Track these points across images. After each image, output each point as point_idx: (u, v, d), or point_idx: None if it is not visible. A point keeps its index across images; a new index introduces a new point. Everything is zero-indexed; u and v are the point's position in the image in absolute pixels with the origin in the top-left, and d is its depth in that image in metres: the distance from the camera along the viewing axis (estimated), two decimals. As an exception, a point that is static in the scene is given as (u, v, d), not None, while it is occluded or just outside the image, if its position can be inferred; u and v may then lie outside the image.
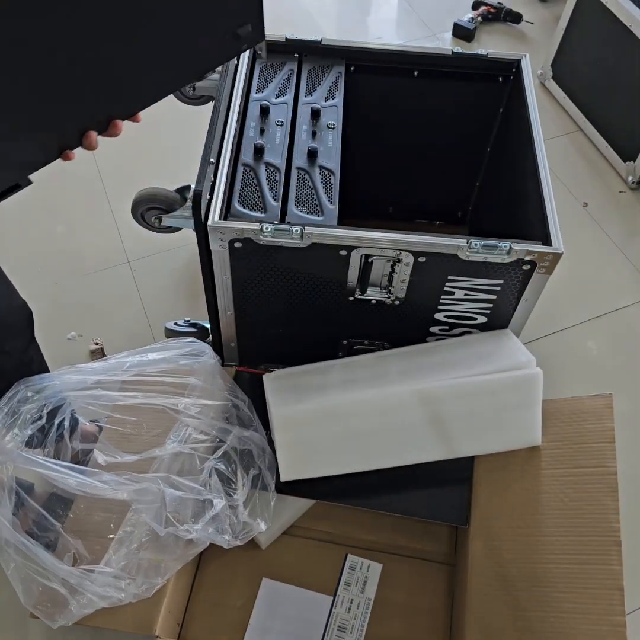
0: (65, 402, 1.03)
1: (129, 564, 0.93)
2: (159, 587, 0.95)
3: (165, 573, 0.95)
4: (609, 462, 0.98)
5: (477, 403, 1.03)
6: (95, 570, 0.91)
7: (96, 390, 1.04)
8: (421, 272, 1.03)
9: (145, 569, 0.94)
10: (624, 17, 1.63)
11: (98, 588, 0.91)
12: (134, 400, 1.03)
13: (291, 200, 1.05)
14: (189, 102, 1.41)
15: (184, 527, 0.95)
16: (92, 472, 0.95)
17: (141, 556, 0.94)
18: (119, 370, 1.06)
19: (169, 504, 0.94)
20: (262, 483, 1.03)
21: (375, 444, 1.05)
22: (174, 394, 1.04)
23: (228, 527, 0.98)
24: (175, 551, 0.96)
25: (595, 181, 1.80)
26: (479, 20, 2.16)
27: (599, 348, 1.48)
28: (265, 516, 1.02)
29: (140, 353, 1.09)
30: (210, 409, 1.05)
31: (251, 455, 1.04)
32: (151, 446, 1.00)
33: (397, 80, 1.27)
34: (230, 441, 1.03)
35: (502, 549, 0.98)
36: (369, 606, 1.10)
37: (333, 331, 1.17)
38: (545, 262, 0.99)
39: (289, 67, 1.24)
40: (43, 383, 1.03)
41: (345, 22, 2.26)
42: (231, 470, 1.01)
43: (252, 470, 1.03)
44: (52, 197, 1.69)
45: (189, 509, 0.96)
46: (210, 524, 0.97)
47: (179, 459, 1.00)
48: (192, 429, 1.02)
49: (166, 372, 1.06)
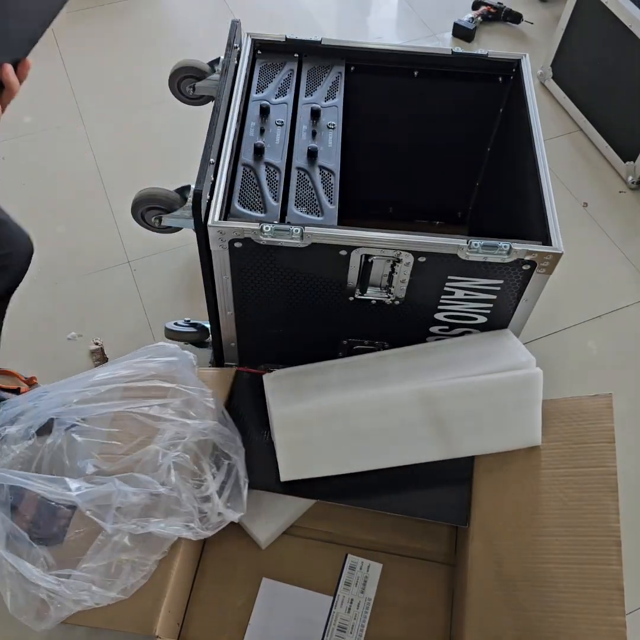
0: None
1: (101, 568, 0.95)
2: (138, 587, 0.96)
3: (142, 572, 0.96)
4: (609, 462, 0.98)
5: (477, 403, 1.03)
6: (70, 575, 0.93)
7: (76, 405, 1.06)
8: (421, 272, 1.03)
9: (120, 571, 0.95)
10: (624, 17, 1.63)
11: (70, 592, 0.92)
12: (106, 409, 1.06)
13: (291, 200, 1.05)
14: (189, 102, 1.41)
15: (132, 523, 0.96)
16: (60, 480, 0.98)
17: (113, 558, 0.96)
18: (86, 384, 1.09)
19: (117, 501, 0.96)
20: (236, 473, 1.04)
21: (375, 444, 1.05)
22: (143, 397, 1.06)
23: (196, 519, 0.99)
24: (146, 549, 0.97)
25: (595, 181, 1.80)
26: (479, 20, 2.16)
27: (599, 348, 1.48)
28: (238, 506, 1.02)
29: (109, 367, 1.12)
30: (172, 406, 1.07)
31: (216, 446, 1.05)
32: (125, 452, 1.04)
33: (397, 80, 1.27)
34: (191, 434, 1.03)
35: (502, 549, 0.98)
36: (369, 606, 1.10)
37: (333, 331, 1.17)
38: (545, 262, 0.99)
39: (289, 67, 1.24)
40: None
41: (345, 22, 2.26)
42: (194, 463, 1.01)
43: (226, 461, 1.04)
44: (52, 197, 1.69)
45: (141, 504, 0.97)
46: (173, 518, 0.98)
47: (144, 459, 1.02)
48: (160, 429, 1.04)
49: (127, 377, 1.08)
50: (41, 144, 1.82)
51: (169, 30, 2.17)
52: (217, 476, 1.02)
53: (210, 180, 1.02)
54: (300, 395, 1.07)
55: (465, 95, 1.29)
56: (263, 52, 1.26)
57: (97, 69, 2.02)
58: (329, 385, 1.09)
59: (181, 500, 0.98)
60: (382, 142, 1.39)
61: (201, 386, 1.08)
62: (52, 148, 1.82)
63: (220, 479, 1.02)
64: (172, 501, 0.98)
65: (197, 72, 1.34)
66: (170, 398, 1.06)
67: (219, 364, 1.27)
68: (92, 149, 1.81)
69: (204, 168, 1.00)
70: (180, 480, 0.99)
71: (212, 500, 1.00)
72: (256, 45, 1.25)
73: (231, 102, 1.13)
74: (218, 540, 1.15)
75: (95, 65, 2.03)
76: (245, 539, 1.15)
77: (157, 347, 1.13)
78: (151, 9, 2.23)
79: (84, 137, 1.83)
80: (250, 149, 1.11)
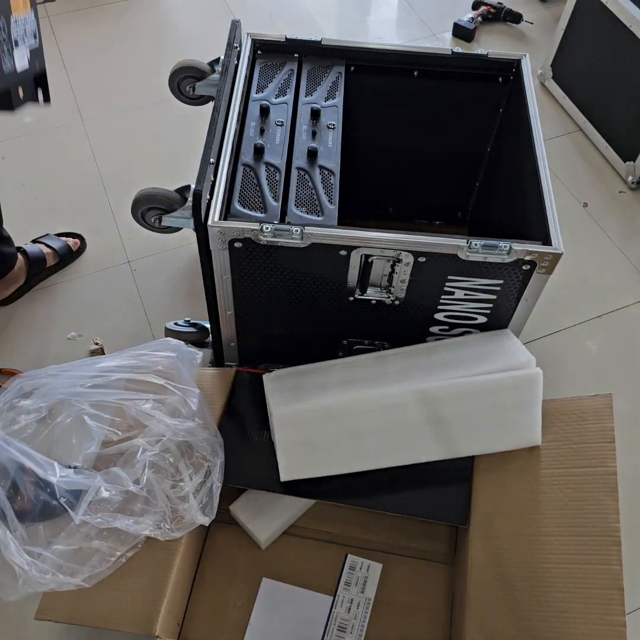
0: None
1: (70, 552, 0.97)
2: (103, 577, 0.97)
3: (107, 562, 0.98)
4: (609, 462, 0.98)
5: (477, 403, 1.03)
6: (41, 555, 0.95)
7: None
8: (421, 272, 1.03)
9: (88, 558, 0.97)
10: (624, 17, 1.63)
11: (37, 574, 0.94)
12: (111, 397, 1.07)
13: (291, 201, 1.05)
14: (189, 102, 1.41)
15: (99, 517, 0.97)
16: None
17: (83, 544, 0.97)
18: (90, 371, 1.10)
19: (90, 495, 0.97)
20: (211, 477, 1.04)
21: (375, 444, 1.05)
22: (142, 391, 1.07)
23: (167, 519, 0.99)
24: (117, 540, 0.98)
25: (595, 181, 1.80)
26: (479, 20, 2.16)
27: (598, 348, 1.48)
28: (209, 510, 1.02)
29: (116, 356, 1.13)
30: (158, 404, 1.07)
31: (193, 447, 1.05)
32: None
33: (397, 80, 1.27)
34: (171, 434, 1.03)
35: (502, 549, 0.98)
36: (369, 606, 1.10)
37: (333, 331, 1.17)
38: (545, 262, 0.99)
39: (289, 67, 1.24)
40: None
41: (345, 22, 2.26)
42: (170, 463, 1.02)
43: (206, 464, 1.04)
44: (52, 197, 1.69)
45: (112, 500, 0.98)
46: (144, 516, 0.98)
47: (126, 453, 1.03)
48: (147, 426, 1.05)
49: (130, 368, 1.10)
50: (41, 144, 1.82)
51: (169, 30, 2.17)
52: (194, 478, 1.02)
53: (210, 180, 1.02)
54: (300, 395, 1.07)
55: (465, 95, 1.29)
56: (263, 52, 1.26)
57: (97, 69, 2.02)
58: (329, 385, 1.09)
59: (153, 499, 0.99)
60: (381, 142, 1.39)
61: (191, 386, 1.09)
62: (52, 148, 1.82)
63: (197, 481, 1.02)
64: (142, 500, 0.99)
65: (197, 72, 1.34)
66: (161, 395, 1.07)
67: (219, 364, 1.27)
68: (92, 149, 1.81)
69: (204, 168, 1.00)
70: (155, 480, 0.99)
71: (187, 502, 1.00)
72: (256, 45, 1.25)
73: (231, 102, 1.13)
74: (218, 540, 1.16)
75: (95, 66, 2.03)
76: (245, 539, 1.15)
77: (162, 342, 1.13)
78: (151, 9, 2.23)
79: (84, 137, 1.83)
80: (250, 149, 1.11)
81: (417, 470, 1.07)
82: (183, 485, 1.01)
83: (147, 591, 0.96)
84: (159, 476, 1.00)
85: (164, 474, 1.01)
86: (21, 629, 1.10)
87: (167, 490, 1.00)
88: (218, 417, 1.13)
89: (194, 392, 1.07)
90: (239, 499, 1.16)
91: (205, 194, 0.99)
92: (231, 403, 1.16)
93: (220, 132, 1.08)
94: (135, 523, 0.98)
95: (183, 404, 1.06)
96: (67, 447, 1.04)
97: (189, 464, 1.03)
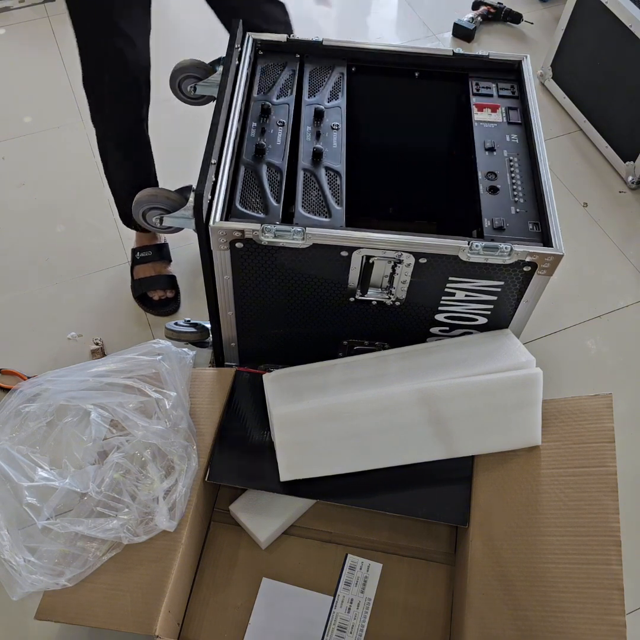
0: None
1: (50, 554, 0.98)
2: (83, 577, 0.98)
3: (86, 563, 0.99)
4: (609, 462, 0.98)
5: (477, 403, 1.03)
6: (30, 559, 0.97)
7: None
8: (422, 273, 1.03)
9: (68, 560, 0.98)
10: (624, 17, 1.63)
11: (25, 574, 0.95)
12: (107, 399, 1.09)
13: (298, 202, 1.05)
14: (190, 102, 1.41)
15: (63, 521, 0.98)
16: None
17: (59, 547, 0.99)
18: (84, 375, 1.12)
19: (56, 500, 0.99)
20: (180, 480, 1.04)
21: (375, 443, 1.05)
22: (130, 393, 1.09)
23: (131, 523, 0.99)
24: (89, 541, 1.00)
25: (595, 181, 1.80)
26: (479, 20, 2.16)
27: (598, 348, 1.48)
28: (175, 515, 1.01)
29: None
30: (136, 406, 1.09)
31: (161, 450, 1.05)
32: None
33: (398, 80, 1.27)
34: (142, 437, 1.04)
35: (502, 549, 0.98)
36: (369, 606, 1.10)
37: (333, 332, 1.17)
38: (546, 264, 0.99)
39: (291, 67, 1.24)
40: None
41: (345, 23, 2.26)
42: (140, 467, 1.02)
43: (178, 468, 1.04)
44: (52, 197, 1.69)
45: (74, 503, 1.00)
46: (108, 520, 0.99)
47: (100, 452, 1.06)
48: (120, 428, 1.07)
49: (119, 372, 1.12)
50: (41, 144, 1.82)
51: (170, 30, 2.17)
52: (164, 482, 1.02)
53: (212, 181, 1.02)
54: (300, 395, 1.07)
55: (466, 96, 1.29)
56: (264, 53, 1.26)
57: (97, 68, 2.02)
58: (329, 385, 1.09)
59: (118, 502, 1.00)
60: (382, 142, 1.39)
61: (172, 390, 1.09)
62: (52, 148, 1.82)
63: (166, 485, 1.02)
64: (106, 503, 1.00)
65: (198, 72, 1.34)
66: (139, 397, 1.08)
67: (219, 364, 1.27)
68: (92, 149, 1.81)
69: (205, 168, 1.00)
70: (122, 483, 1.01)
71: (155, 506, 1.00)
72: (257, 45, 1.25)
73: (232, 102, 1.13)
74: (218, 540, 1.16)
75: (96, 65, 2.03)
76: (245, 539, 1.15)
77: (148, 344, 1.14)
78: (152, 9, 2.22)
79: (84, 137, 1.83)
80: (252, 149, 1.11)
81: (417, 470, 1.07)
82: (151, 488, 1.01)
83: (147, 591, 0.96)
84: (128, 478, 1.01)
85: (132, 476, 1.01)
86: (21, 628, 1.10)
87: (137, 493, 1.00)
88: (218, 417, 1.13)
89: (170, 395, 1.08)
90: (239, 499, 1.16)
91: (207, 194, 0.99)
92: (231, 403, 1.16)
93: (221, 132, 1.08)
94: (96, 526, 0.98)
95: (156, 407, 1.07)
96: (72, 447, 1.05)
97: (160, 467, 1.03)
